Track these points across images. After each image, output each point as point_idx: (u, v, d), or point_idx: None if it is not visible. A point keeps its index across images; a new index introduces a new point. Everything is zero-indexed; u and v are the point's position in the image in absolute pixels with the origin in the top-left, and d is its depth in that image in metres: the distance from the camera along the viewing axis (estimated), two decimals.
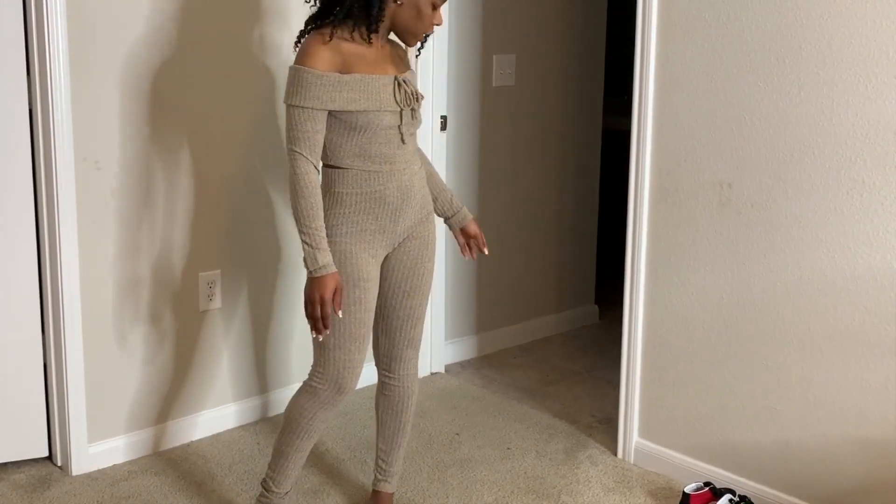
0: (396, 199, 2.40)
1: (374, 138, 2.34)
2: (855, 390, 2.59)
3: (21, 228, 2.87)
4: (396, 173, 2.39)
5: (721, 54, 2.73)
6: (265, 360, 3.42)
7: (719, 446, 2.90)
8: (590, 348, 4.21)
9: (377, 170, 2.37)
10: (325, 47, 2.29)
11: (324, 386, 2.43)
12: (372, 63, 2.34)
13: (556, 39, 4.13)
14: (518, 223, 4.14)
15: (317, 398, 2.44)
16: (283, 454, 2.51)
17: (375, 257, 2.43)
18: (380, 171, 2.37)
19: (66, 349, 2.91)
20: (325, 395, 2.43)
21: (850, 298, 2.57)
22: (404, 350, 2.59)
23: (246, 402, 3.38)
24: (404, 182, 2.40)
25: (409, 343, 2.59)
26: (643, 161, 2.94)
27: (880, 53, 2.43)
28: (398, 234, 2.45)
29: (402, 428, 2.68)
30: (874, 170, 2.48)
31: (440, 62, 3.67)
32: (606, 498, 2.91)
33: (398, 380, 2.62)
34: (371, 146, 2.35)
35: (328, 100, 2.28)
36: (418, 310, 2.56)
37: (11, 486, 2.91)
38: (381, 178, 2.37)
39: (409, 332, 2.57)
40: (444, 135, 3.75)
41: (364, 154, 2.35)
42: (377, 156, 2.36)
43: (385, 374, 2.63)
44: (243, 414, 3.37)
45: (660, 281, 2.98)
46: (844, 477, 2.64)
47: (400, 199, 2.40)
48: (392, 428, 2.67)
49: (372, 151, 2.35)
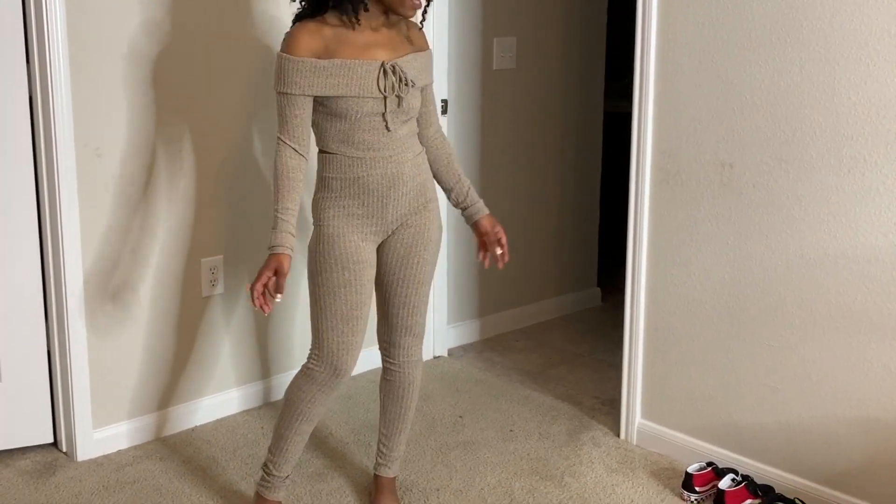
0: (382, 186, 2.39)
1: (358, 125, 2.34)
2: (857, 370, 2.59)
3: (23, 216, 2.87)
4: (382, 160, 2.37)
5: (722, 34, 2.72)
6: (267, 346, 3.43)
7: (722, 426, 2.91)
8: (592, 331, 4.21)
9: (360, 156, 2.36)
10: (306, 32, 2.29)
11: (320, 368, 2.44)
12: (360, 48, 2.32)
13: (556, 22, 4.11)
14: (519, 206, 4.14)
15: (314, 380, 2.45)
16: (283, 437, 2.52)
17: (367, 241, 2.43)
18: (363, 157, 2.36)
19: (70, 336, 2.92)
20: (322, 377, 2.44)
21: (853, 278, 2.57)
22: (402, 337, 2.59)
23: (249, 386, 3.39)
24: (391, 170, 2.39)
25: (408, 331, 2.58)
26: (644, 143, 2.94)
27: (882, 31, 2.42)
28: (389, 221, 2.44)
29: (404, 414, 2.68)
30: (876, 148, 2.48)
31: (441, 45, 3.65)
32: (609, 479, 2.92)
33: (399, 366, 2.62)
34: (354, 132, 2.35)
35: (307, 85, 2.29)
36: (414, 298, 2.54)
37: (17, 472, 2.92)
38: (364, 165, 2.37)
39: (405, 319, 2.56)
40: (445, 118, 3.74)
41: (347, 140, 2.36)
42: (360, 142, 2.36)
43: (387, 359, 2.64)
44: (246, 399, 3.38)
45: (662, 262, 2.98)
46: (846, 457, 2.64)
47: (386, 187, 2.39)
48: (393, 413, 2.68)
49: (355, 138, 2.35)
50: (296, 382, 2.49)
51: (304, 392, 2.46)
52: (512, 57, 3.97)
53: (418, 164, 2.47)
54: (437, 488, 2.86)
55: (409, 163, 2.42)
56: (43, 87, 2.78)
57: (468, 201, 2.61)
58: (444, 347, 3.93)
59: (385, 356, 2.64)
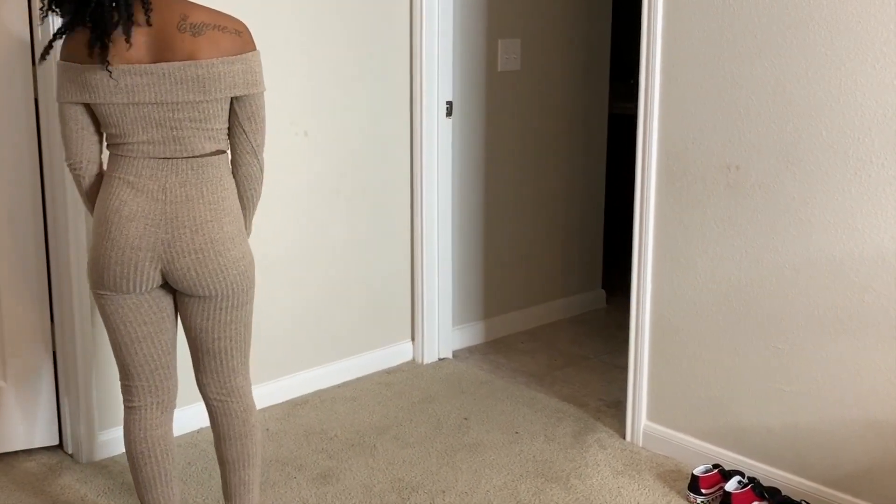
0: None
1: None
2: (864, 372, 2.59)
3: (29, 225, 2.88)
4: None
5: (727, 36, 2.72)
6: (277, 347, 3.43)
7: (728, 428, 2.90)
8: (597, 332, 4.21)
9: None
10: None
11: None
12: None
13: (561, 23, 4.11)
14: (524, 208, 4.14)
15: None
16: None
17: None
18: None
19: (75, 338, 2.92)
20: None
21: (859, 280, 2.56)
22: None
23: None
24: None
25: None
26: (650, 144, 2.94)
27: (888, 33, 2.42)
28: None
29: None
30: (883, 150, 2.47)
31: (445, 47, 3.66)
32: (615, 481, 2.92)
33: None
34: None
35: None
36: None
37: (23, 473, 2.93)
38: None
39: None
40: (449, 121, 3.74)
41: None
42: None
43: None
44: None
45: (667, 264, 2.97)
46: (853, 459, 2.64)
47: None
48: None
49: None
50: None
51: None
52: (516, 58, 3.97)
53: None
54: (443, 490, 2.86)
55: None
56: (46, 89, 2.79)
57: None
58: (449, 349, 3.93)
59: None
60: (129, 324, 2.20)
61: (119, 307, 2.18)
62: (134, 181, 2.12)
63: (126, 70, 2.05)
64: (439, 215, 3.78)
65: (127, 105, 2.08)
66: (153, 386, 2.29)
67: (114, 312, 2.19)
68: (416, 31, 3.60)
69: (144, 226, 2.11)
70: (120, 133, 2.12)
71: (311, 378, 3.55)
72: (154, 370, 2.27)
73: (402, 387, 3.61)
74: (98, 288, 2.18)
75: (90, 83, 2.07)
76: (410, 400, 3.50)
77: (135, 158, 2.13)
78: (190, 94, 2.08)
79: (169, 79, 2.06)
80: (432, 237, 3.78)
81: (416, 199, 3.73)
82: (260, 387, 3.40)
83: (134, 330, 2.21)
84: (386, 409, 3.42)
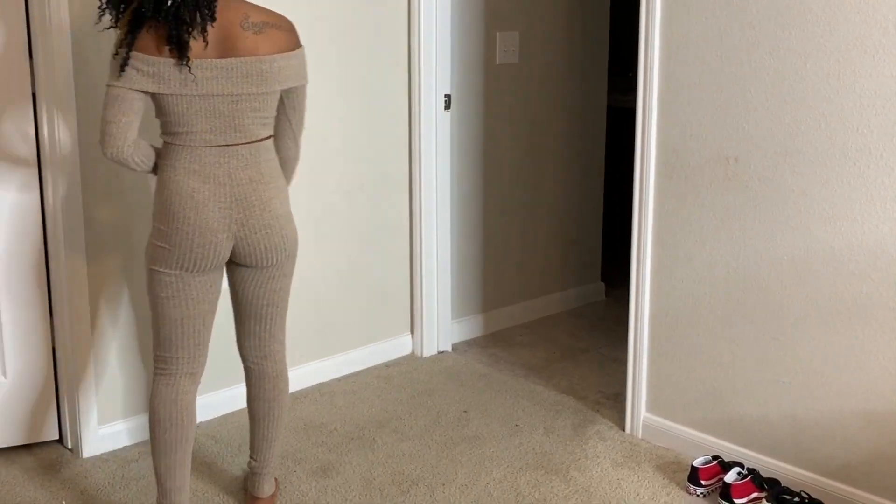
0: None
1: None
2: (863, 363, 2.59)
3: (30, 218, 2.88)
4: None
5: (726, 27, 2.71)
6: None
7: (727, 420, 2.91)
8: (596, 325, 4.21)
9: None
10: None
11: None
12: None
13: (559, 16, 4.11)
14: (523, 201, 4.14)
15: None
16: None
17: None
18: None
19: (75, 332, 2.92)
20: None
21: (858, 270, 2.56)
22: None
23: None
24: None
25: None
26: (649, 137, 2.93)
27: (887, 23, 2.42)
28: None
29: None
30: (881, 141, 2.47)
31: (443, 40, 3.65)
32: (615, 473, 2.92)
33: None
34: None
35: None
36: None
37: (23, 468, 2.93)
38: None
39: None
40: (448, 114, 3.73)
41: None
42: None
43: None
44: None
45: (666, 256, 2.97)
46: (852, 450, 2.64)
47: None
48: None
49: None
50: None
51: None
52: (515, 51, 3.96)
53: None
54: (443, 483, 2.87)
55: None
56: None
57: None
58: (449, 342, 3.93)
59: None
60: (191, 300, 2.37)
61: (186, 285, 2.35)
62: (199, 169, 2.29)
63: (197, 64, 2.22)
64: (438, 208, 3.78)
65: (194, 96, 2.24)
66: (191, 358, 2.44)
67: (181, 290, 2.35)
68: (414, 24, 3.60)
69: (218, 209, 2.30)
70: (182, 122, 2.26)
71: (311, 371, 3.55)
72: (197, 345, 2.44)
73: (401, 380, 3.62)
74: (169, 268, 2.33)
75: (162, 74, 2.21)
76: (410, 393, 3.50)
77: (196, 147, 2.29)
78: (253, 86, 2.27)
79: (236, 72, 2.24)
80: (431, 230, 3.77)
81: (414, 192, 3.73)
82: None
83: (195, 307, 2.38)
84: (385, 402, 3.42)
